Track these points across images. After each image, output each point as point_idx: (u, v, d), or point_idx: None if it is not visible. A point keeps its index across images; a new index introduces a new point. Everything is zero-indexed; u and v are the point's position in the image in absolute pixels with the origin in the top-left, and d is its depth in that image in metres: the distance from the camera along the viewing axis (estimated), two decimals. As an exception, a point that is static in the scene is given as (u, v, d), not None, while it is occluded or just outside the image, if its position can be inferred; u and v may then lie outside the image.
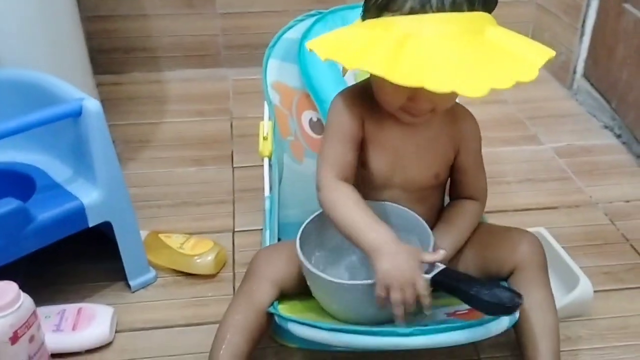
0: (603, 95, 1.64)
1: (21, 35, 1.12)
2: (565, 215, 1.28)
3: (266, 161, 1.10)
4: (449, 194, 0.94)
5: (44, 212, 0.90)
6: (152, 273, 1.08)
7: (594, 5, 1.66)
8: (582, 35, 1.70)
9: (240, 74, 1.84)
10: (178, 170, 1.42)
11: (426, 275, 0.73)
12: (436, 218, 0.92)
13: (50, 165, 1.02)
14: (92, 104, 0.92)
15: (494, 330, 0.75)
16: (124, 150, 1.46)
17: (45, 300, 0.95)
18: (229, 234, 1.21)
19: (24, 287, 0.82)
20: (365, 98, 0.84)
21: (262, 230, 1.08)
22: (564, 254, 1.05)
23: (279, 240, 1.00)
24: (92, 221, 0.95)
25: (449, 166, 0.90)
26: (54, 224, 0.91)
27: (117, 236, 1.00)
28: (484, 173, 0.92)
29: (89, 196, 0.94)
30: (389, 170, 0.86)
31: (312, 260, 0.80)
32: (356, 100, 0.85)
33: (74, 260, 1.10)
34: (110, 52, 1.82)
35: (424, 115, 0.80)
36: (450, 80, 0.63)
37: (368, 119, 0.84)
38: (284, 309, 0.83)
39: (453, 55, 0.65)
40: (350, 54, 0.68)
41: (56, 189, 0.96)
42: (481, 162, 0.92)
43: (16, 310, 0.79)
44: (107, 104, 1.10)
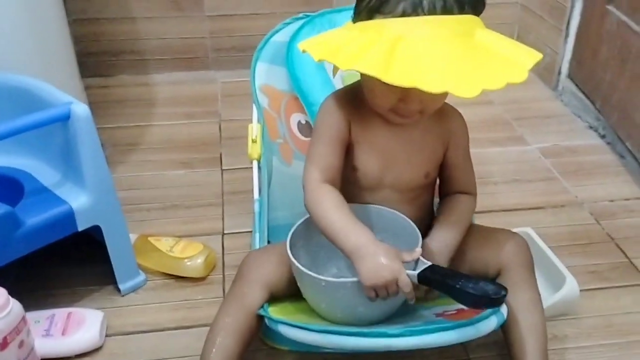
0: (587, 96, 1.66)
1: (7, 39, 1.12)
2: (551, 215, 1.29)
3: (255, 164, 1.10)
4: (439, 192, 0.95)
5: (33, 217, 0.90)
6: (142, 276, 1.08)
7: (578, 6, 1.67)
8: (567, 36, 1.72)
9: (228, 77, 1.84)
10: (167, 173, 1.42)
11: (412, 272, 0.75)
12: (427, 218, 0.92)
13: (38, 169, 1.02)
14: (80, 108, 0.92)
15: (483, 330, 0.76)
16: (113, 153, 1.46)
17: (34, 304, 0.95)
18: (219, 237, 1.21)
19: (13, 292, 0.82)
20: (353, 101, 0.85)
21: (252, 232, 1.08)
22: (551, 254, 1.07)
23: (269, 242, 1.00)
24: (82, 225, 0.95)
25: (439, 164, 0.90)
26: (43, 229, 0.91)
27: (107, 240, 1.00)
28: (473, 169, 0.93)
29: (78, 200, 0.94)
30: (379, 171, 0.87)
31: (302, 261, 0.81)
32: (343, 103, 0.85)
33: (63, 264, 1.10)
34: (98, 55, 1.81)
35: (414, 116, 0.81)
36: (443, 81, 0.64)
37: (355, 121, 0.85)
38: (274, 311, 0.83)
39: (445, 56, 0.66)
40: (344, 56, 0.69)
41: (45, 193, 0.96)
42: (469, 158, 0.93)
43: (5, 316, 0.79)
44: (96, 107, 1.10)
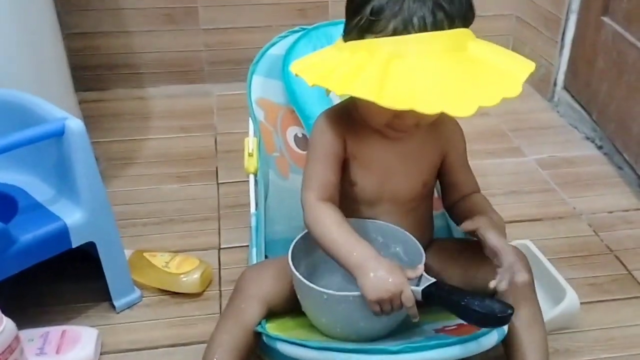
0: (584, 107, 1.66)
1: (1, 53, 1.11)
2: (549, 227, 1.29)
3: (252, 178, 1.10)
4: (445, 204, 0.93)
5: (27, 234, 0.89)
6: (137, 293, 1.07)
7: (573, 18, 1.68)
8: (562, 48, 1.73)
9: (224, 90, 1.84)
10: (162, 187, 1.41)
11: (417, 288, 0.74)
12: (427, 231, 0.92)
13: (32, 185, 1.01)
14: (75, 124, 0.91)
15: (485, 345, 0.75)
16: (108, 167, 1.45)
17: (28, 322, 0.93)
18: (215, 252, 1.20)
19: (6, 310, 0.80)
20: (347, 117, 0.85)
21: (249, 247, 1.07)
22: (550, 266, 1.06)
23: (266, 257, 1.00)
24: (76, 242, 0.94)
25: (436, 172, 0.90)
26: (37, 245, 0.90)
27: (101, 256, 0.98)
28: (472, 173, 0.92)
29: (72, 216, 0.93)
30: (378, 185, 0.86)
31: (302, 274, 0.80)
32: (337, 119, 0.85)
33: (57, 280, 1.09)
34: (92, 69, 1.80)
35: (410, 130, 0.82)
36: (438, 101, 0.64)
37: (350, 138, 0.85)
38: (272, 327, 0.82)
39: (438, 75, 0.66)
40: (337, 80, 0.69)
41: (39, 210, 0.95)
42: (468, 162, 0.92)
43: (-2, 335, 0.77)
44: (90, 121, 1.10)
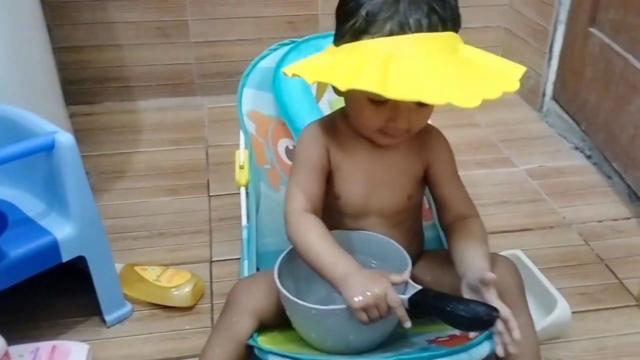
0: (572, 117, 1.67)
1: (-9, 67, 1.11)
2: (540, 236, 1.29)
3: (243, 190, 1.10)
4: (441, 225, 0.92)
5: (17, 249, 0.88)
6: (128, 307, 1.06)
7: (561, 29, 1.70)
8: (550, 59, 1.74)
9: (215, 102, 1.84)
10: (153, 200, 1.40)
11: (403, 296, 0.74)
12: (415, 242, 0.92)
13: (22, 199, 1.00)
14: (65, 138, 0.91)
15: (476, 355, 0.75)
16: (98, 181, 1.45)
17: (18, 337, 0.93)
18: (206, 265, 1.19)
19: (-4, 326, 0.80)
20: (332, 128, 0.86)
21: (240, 260, 1.07)
22: (541, 276, 1.06)
23: (258, 269, 0.99)
24: (66, 256, 0.93)
25: (421, 185, 0.90)
26: (27, 260, 0.89)
27: (92, 270, 0.98)
28: (464, 188, 0.90)
29: (63, 231, 0.93)
30: (362, 197, 0.86)
31: (290, 289, 0.79)
32: (321, 131, 0.86)
33: (48, 295, 1.08)
34: (83, 83, 1.80)
35: (401, 136, 0.81)
36: (444, 92, 0.64)
37: (334, 148, 0.85)
38: (264, 341, 0.82)
39: (440, 70, 0.67)
40: (340, 75, 0.69)
41: (29, 224, 0.94)
42: (457, 174, 0.90)
43: (-13, 351, 0.77)
44: (81, 135, 1.10)
